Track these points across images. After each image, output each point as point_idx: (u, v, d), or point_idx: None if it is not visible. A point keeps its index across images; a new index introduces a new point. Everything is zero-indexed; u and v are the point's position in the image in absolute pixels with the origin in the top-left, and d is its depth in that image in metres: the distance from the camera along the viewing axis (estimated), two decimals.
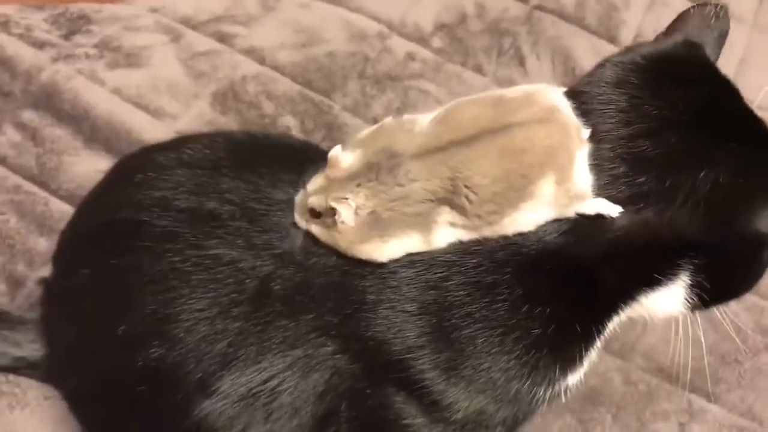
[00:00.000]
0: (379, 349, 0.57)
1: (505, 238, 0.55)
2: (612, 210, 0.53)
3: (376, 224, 0.54)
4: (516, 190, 0.52)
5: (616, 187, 0.54)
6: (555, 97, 0.56)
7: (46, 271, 0.88)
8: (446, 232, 0.55)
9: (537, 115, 0.54)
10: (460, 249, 0.56)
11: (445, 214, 0.54)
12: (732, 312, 0.70)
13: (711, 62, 0.62)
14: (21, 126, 0.97)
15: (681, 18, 0.65)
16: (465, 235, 0.55)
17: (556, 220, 0.55)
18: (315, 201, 0.55)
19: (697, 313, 0.91)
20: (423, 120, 0.57)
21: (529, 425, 0.64)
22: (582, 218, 0.54)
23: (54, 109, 0.98)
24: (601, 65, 0.61)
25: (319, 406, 0.58)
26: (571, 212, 0.54)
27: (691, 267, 0.57)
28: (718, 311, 0.88)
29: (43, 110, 0.98)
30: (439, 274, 0.56)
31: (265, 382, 0.57)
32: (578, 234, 0.55)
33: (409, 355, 0.56)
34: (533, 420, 0.64)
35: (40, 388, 0.81)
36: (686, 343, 0.90)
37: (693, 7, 0.66)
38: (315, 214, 0.56)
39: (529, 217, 0.54)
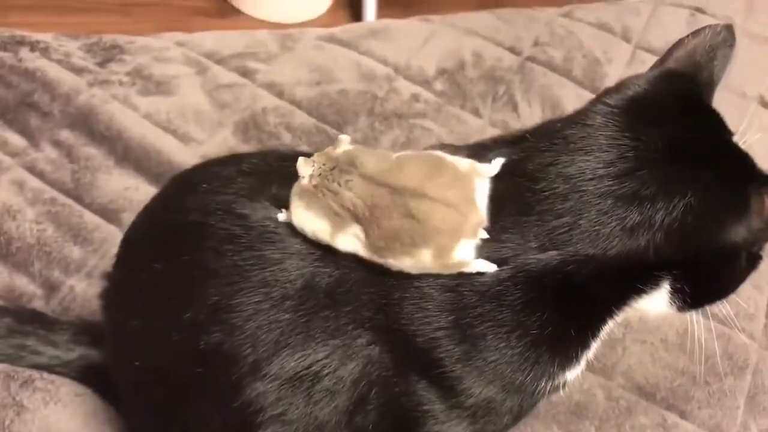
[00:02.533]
0: (405, 340, 0.64)
1: (509, 256, 0.64)
2: (489, 268, 0.63)
3: (308, 197, 0.64)
4: (402, 245, 0.62)
5: (603, 222, 0.63)
6: (479, 190, 0.64)
7: (79, 277, 0.95)
8: (349, 241, 0.63)
9: (449, 199, 0.62)
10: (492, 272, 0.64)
11: (356, 228, 0.63)
12: (703, 339, 0.80)
13: (691, 93, 0.69)
14: (58, 144, 1.05)
15: (676, 45, 0.72)
16: (363, 252, 0.63)
17: (553, 248, 0.64)
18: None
19: (672, 340, 1.02)
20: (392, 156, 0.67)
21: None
22: (579, 246, 0.63)
23: (89, 129, 1.06)
24: (586, 109, 0.69)
25: (353, 392, 0.65)
26: (452, 272, 0.63)
27: (670, 277, 0.66)
28: (691, 340, 0.99)
29: (79, 130, 1.06)
30: (455, 281, 0.64)
31: (309, 367, 0.64)
32: (575, 260, 0.64)
33: (430, 347, 0.64)
34: (534, 412, 0.73)
35: (71, 386, 0.87)
36: (662, 366, 1.00)
37: (690, 33, 0.73)
38: None
39: (410, 267, 0.63)
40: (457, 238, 0.62)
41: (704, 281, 0.68)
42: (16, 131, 1.05)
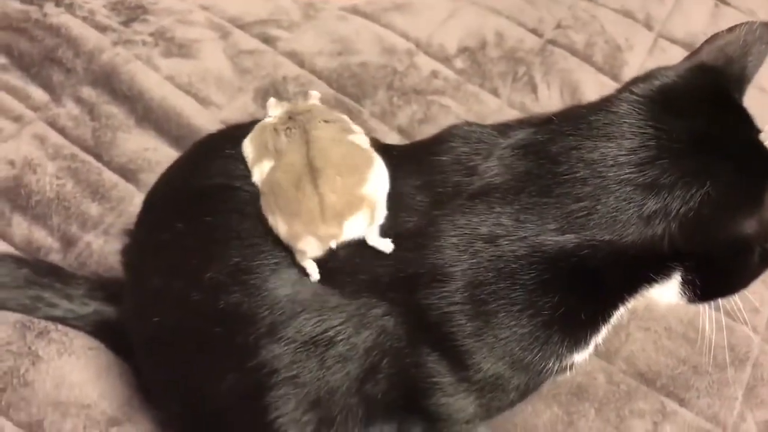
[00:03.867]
0: (420, 313, 0.66)
1: (527, 236, 0.65)
2: (386, 247, 0.65)
3: (260, 130, 0.71)
4: (269, 203, 0.66)
5: (621, 209, 0.64)
6: (377, 215, 0.66)
7: (96, 234, 0.97)
8: (257, 173, 0.70)
9: (328, 202, 0.64)
10: (490, 239, 0.65)
11: (267, 164, 0.69)
12: (707, 329, 0.81)
13: (721, 88, 0.69)
14: (80, 101, 1.05)
15: (710, 40, 0.73)
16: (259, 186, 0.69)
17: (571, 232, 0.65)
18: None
19: (676, 328, 1.03)
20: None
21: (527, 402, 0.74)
22: (596, 231, 0.64)
23: (111, 88, 1.07)
24: (612, 96, 0.70)
25: (365, 360, 0.67)
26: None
27: (682, 268, 0.67)
28: (694, 329, 1.00)
29: (101, 88, 1.07)
30: (472, 258, 0.65)
31: (324, 332, 0.66)
32: (590, 244, 0.65)
33: (443, 320, 0.65)
34: (535, 397, 0.74)
35: (85, 339, 0.89)
36: (664, 354, 1.01)
37: (726, 29, 0.73)
38: None
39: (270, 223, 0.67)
40: (307, 233, 0.64)
41: (716, 275, 0.68)
42: (39, 86, 1.06)
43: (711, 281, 0.68)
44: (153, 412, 0.86)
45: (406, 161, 0.70)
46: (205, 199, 0.71)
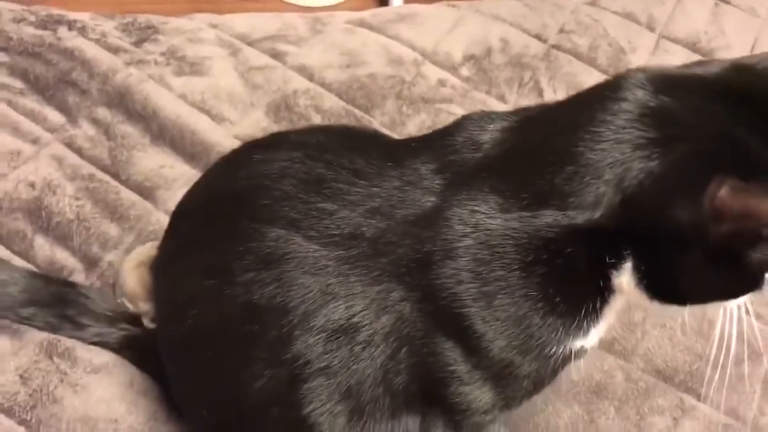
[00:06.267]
0: (433, 296, 0.66)
1: (510, 213, 0.64)
2: None
3: None
4: None
5: (591, 185, 0.62)
6: None
7: (116, 254, 0.98)
8: None
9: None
10: (484, 214, 0.65)
11: None
12: (722, 324, 0.81)
13: (745, 86, 0.64)
14: (96, 121, 1.07)
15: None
16: None
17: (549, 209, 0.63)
18: None
19: (691, 324, 1.04)
20: None
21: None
22: (570, 210, 0.62)
23: (126, 108, 1.08)
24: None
25: (385, 348, 0.67)
26: None
27: (631, 254, 0.63)
28: (709, 324, 1.01)
29: (115, 108, 1.08)
30: (479, 238, 0.65)
31: (350, 318, 0.66)
32: (565, 223, 0.63)
33: (452, 301, 0.66)
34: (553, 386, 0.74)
35: (110, 355, 0.90)
36: (680, 350, 1.02)
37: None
38: None
39: None
40: None
41: (659, 269, 0.64)
42: (55, 108, 1.08)
43: (657, 276, 0.64)
44: (178, 425, 0.87)
45: (425, 149, 0.72)
46: (235, 201, 0.72)
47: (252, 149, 0.78)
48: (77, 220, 0.98)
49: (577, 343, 0.70)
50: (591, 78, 1.29)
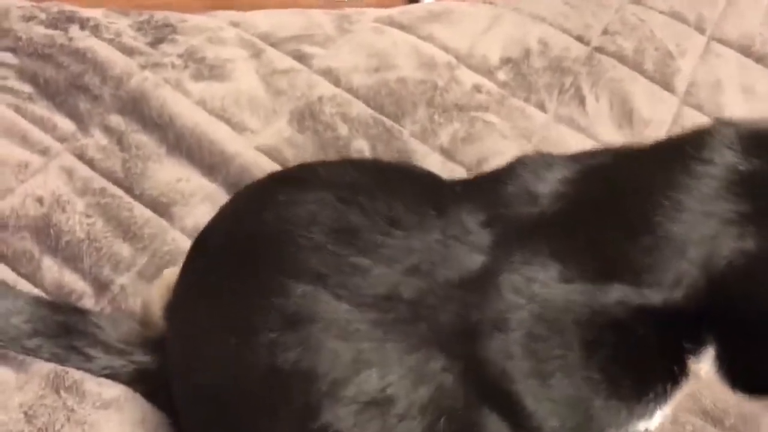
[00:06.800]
0: (479, 368, 0.60)
1: (570, 284, 0.58)
2: None
3: None
4: None
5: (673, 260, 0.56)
6: None
7: (128, 276, 0.92)
8: None
9: None
10: (542, 283, 0.59)
11: None
12: None
13: None
14: (108, 129, 1.01)
15: None
16: None
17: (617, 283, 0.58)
18: None
19: None
20: None
21: None
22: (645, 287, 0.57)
23: (140, 115, 1.02)
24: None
25: (422, 421, 0.61)
26: None
27: (716, 340, 0.58)
28: None
29: (129, 116, 1.02)
30: (532, 307, 0.59)
31: (384, 389, 0.60)
32: (638, 303, 0.57)
33: (501, 377, 0.59)
34: None
35: (121, 389, 0.84)
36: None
37: None
38: None
39: None
40: None
41: (752, 360, 0.58)
42: (65, 115, 1.01)
43: (745, 367, 0.59)
44: None
45: (472, 196, 0.65)
46: (259, 247, 0.67)
47: (278, 186, 0.71)
48: (87, 240, 0.92)
49: (640, 426, 0.63)
50: (637, 85, 1.21)
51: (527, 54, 1.22)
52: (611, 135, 1.15)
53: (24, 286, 0.88)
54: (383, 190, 0.66)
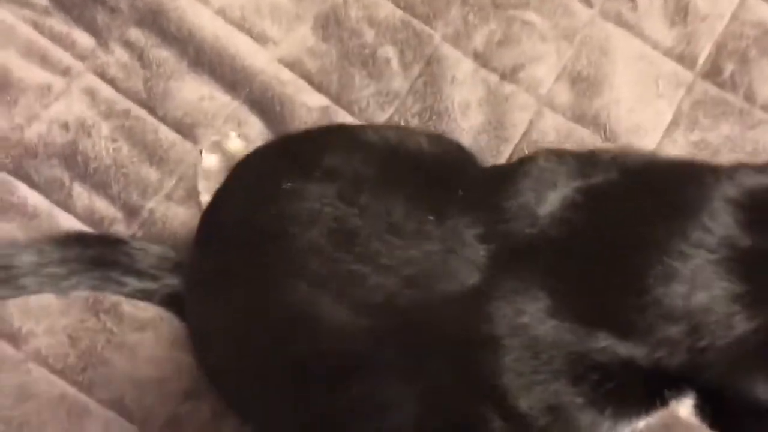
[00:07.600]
0: (472, 384, 0.61)
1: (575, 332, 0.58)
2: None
3: None
4: None
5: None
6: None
7: (157, 201, 0.94)
8: None
9: None
10: (532, 315, 0.59)
11: None
12: None
13: None
14: (128, 44, 0.98)
15: None
16: None
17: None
18: None
19: None
20: None
21: None
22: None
23: (160, 28, 0.98)
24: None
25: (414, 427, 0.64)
26: None
27: (695, 392, 0.58)
28: None
29: (148, 29, 0.98)
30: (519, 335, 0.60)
31: (381, 396, 0.63)
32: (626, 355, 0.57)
33: (498, 394, 0.60)
34: None
35: (156, 310, 0.90)
36: None
37: None
38: None
39: None
40: None
41: (728, 418, 0.59)
42: (84, 29, 0.98)
43: (722, 420, 0.59)
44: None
45: (473, 206, 0.63)
46: (265, 239, 0.68)
47: (281, 168, 0.71)
48: (115, 166, 0.93)
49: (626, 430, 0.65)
50: None
51: None
52: (662, 33, 1.06)
53: (58, 213, 0.92)
54: (386, 187, 0.65)
